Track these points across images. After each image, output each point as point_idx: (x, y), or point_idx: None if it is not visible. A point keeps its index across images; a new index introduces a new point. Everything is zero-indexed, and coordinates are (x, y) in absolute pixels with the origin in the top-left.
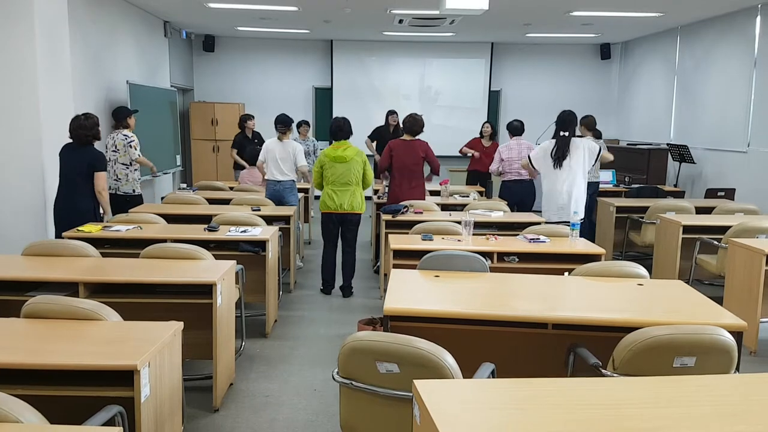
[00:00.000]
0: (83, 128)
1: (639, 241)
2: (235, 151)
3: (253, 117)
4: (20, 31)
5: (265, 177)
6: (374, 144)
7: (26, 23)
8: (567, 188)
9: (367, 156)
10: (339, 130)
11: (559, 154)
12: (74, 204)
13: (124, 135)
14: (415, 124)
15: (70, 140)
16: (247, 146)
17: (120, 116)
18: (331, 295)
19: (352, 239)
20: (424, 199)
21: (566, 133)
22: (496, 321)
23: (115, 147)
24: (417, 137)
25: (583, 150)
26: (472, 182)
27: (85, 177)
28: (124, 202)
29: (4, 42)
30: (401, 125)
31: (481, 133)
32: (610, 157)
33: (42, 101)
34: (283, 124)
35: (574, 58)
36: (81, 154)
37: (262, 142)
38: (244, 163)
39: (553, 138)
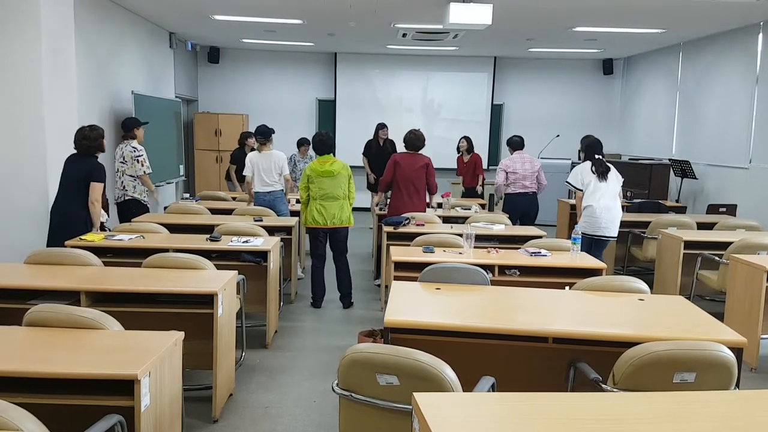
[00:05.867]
0: (87, 139)
1: (640, 256)
2: (234, 168)
3: (254, 135)
4: (26, 41)
5: (253, 190)
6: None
7: (32, 33)
8: (613, 203)
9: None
10: (322, 144)
11: (603, 171)
12: (68, 212)
13: (134, 147)
14: (417, 140)
15: (66, 153)
16: (243, 162)
17: (128, 127)
18: (322, 307)
19: (343, 251)
20: (424, 211)
21: (600, 157)
22: (497, 334)
23: (123, 158)
24: (420, 152)
25: (613, 172)
26: (467, 197)
27: (82, 187)
28: (131, 209)
29: (10, 51)
30: (404, 142)
31: (458, 148)
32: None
33: (47, 111)
34: (261, 135)
35: (577, 73)
36: (81, 165)
37: None
38: (235, 182)
39: (584, 161)
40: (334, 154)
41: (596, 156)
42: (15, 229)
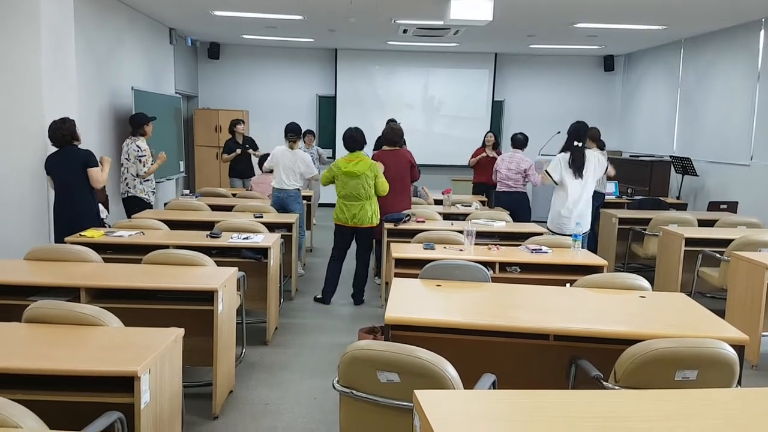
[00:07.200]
0: (61, 130)
1: (641, 253)
2: (227, 156)
3: (243, 122)
4: (26, 37)
5: (272, 184)
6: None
7: (32, 29)
8: (584, 198)
9: None
10: (353, 141)
11: (579, 164)
12: (75, 207)
13: (138, 146)
14: (395, 135)
15: (54, 150)
16: (235, 150)
17: (137, 123)
18: (328, 304)
19: (367, 248)
20: (410, 209)
21: (580, 144)
22: (498, 331)
23: (128, 156)
24: (399, 146)
25: (594, 162)
26: (478, 194)
27: (81, 177)
28: (133, 206)
29: (10, 47)
30: (382, 136)
31: (483, 143)
32: (613, 172)
33: (46, 107)
34: (293, 132)
35: (578, 69)
36: (69, 157)
37: (254, 146)
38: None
39: (564, 149)
40: (355, 150)
41: (576, 143)
42: (15, 226)
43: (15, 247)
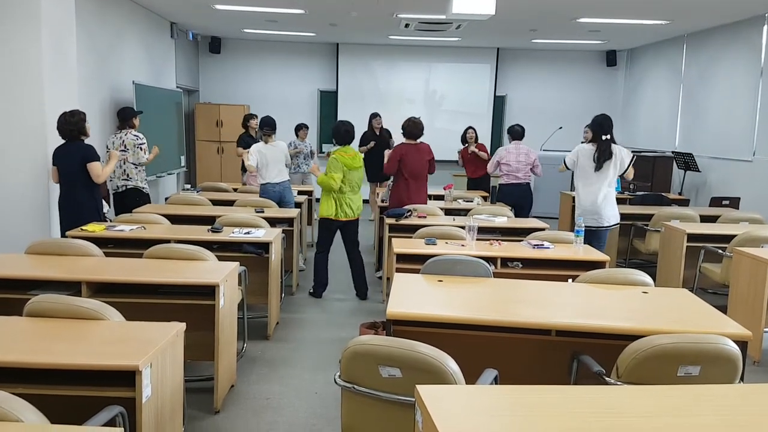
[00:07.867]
0: (69, 123)
1: (643, 249)
2: (242, 150)
3: (256, 116)
4: (27, 31)
5: (264, 181)
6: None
7: (33, 23)
8: (603, 192)
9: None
10: (348, 135)
11: (605, 157)
12: (76, 200)
13: (135, 135)
14: (416, 128)
15: (62, 141)
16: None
17: (126, 116)
18: (323, 298)
19: (356, 242)
20: (426, 202)
21: (608, 137)
22: (500, 327)
23: (125, 147)
24: (419, 140)
25: (618, 158)
26: (472, 189)
27: (81, 172)
28: (134, 198)
29: (11, 41)
30: (402, 130)
31: (465, 139)
32: (631, 175)
33: (47, 101)
34: (269, 126)
35: (580, 64)
36: (73, 151)
37: None
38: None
39: (591, 142)
40: (348, 143)
41: (603, 137)
42: (16, 220)
43: (16, 241)
